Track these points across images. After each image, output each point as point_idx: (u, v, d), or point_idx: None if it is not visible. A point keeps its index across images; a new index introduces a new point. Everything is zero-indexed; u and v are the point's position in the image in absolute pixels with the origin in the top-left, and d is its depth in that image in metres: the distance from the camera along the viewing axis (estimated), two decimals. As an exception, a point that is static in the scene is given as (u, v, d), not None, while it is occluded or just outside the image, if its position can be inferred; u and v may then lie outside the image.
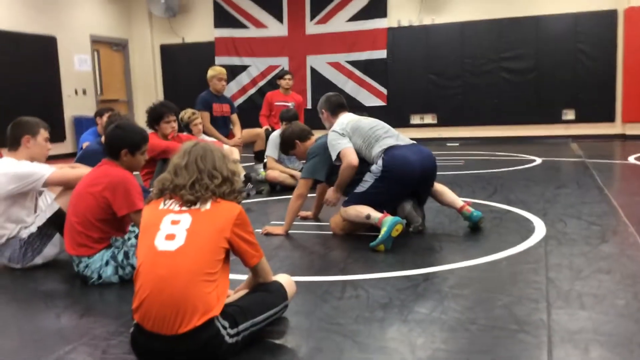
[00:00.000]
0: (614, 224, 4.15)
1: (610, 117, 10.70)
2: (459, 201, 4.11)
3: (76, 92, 11.28)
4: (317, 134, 4.52)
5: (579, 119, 10.80)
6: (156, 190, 2.33)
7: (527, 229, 4.06)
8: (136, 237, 3.22)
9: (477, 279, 3.09)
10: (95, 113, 6.23)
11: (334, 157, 4.07)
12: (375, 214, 3.78)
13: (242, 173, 6.11)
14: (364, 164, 4.01)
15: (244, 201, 5.35)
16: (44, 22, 10.56)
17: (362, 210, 3.85)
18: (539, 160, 7.78)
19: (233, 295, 2.39)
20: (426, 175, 4.02)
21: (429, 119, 11.56)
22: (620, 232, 3.91)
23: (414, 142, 4.13)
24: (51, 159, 4.14)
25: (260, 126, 7.61)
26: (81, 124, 10.99)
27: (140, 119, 12.46)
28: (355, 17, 11.67)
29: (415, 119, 11.64)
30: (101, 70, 12.17)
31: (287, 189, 5.83)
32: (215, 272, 2.14)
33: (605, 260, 3.29)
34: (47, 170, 3.55)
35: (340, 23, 11.78)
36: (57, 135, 9.65)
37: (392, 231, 3.62)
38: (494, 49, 11.02)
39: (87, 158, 4.29)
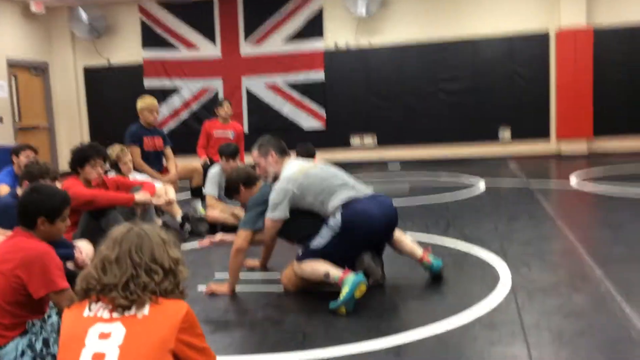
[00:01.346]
0: (579, 266, 3.98)
1: (545, 134, 10.84)
2: (418, 250, 3.82)
3: (-9, 121, 10.41)
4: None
5: (516, 137, 10.89)
6: (79, 290, 1.88)
7: (492, 276, 3.82)
8: (57, 314, 2.74)
9: (452, 351, 2.78)
10: (12, 150, 5.62)
11: (267, 214, 3.70)
12: (334, 272, 3.42)
13: (179, 214, 5.66)
14: (317, 216, 3.65)
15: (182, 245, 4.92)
16: (-47, 46, 9.70)
17: (320, 268, 3.49)
18: (482, 186, 7.67)
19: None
20: (388, 228, 3.71)
21: (369, 139, 11.38)
22: (589, 279, 3.71)
23: (372, 193, 3.79)
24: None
25: (197, 156, 7.15)
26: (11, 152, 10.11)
27: (63, 146, 11.70)
28: (291, 38, 11.37)
29: (355, 140, 11.42)
30: (19, 96, 11.31)
31: (229, 229, 5.39)
32: (157, 397, 1.73)
33: (581, 319, 3.06)
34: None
35: (275, 44, 11.45)
36: (-31, 170, 8.78)
37: (355, 292, 3.28)
38: (431, 71, 11.00)
39: None
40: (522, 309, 3.23)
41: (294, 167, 3.80)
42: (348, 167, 10.47)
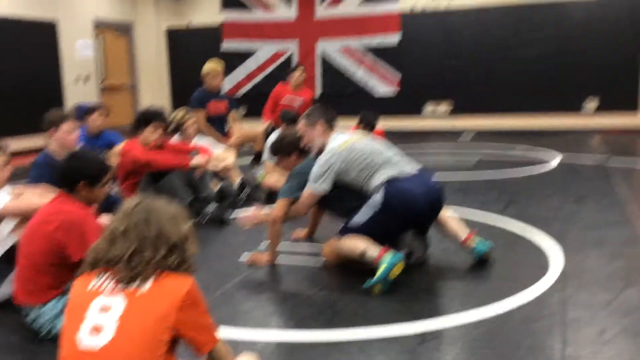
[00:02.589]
0: (638, 258, 3.69)
1: (633, 106, 10.08)
2: (462, 233, 3.66)
3: (78, 80, 10.91)
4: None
5: (602, 108, 10.20)
6: (88, 261, 1.93)
7: (543, 262, 3.62)
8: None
9: (482, 342, 2.66)
10: (87, 110, 5.83)
11: (307, 185, 3.64)
12: (372, 251, 3.34)
13: (238, 178, 5.74)
14: (360, 192, 3.57)
15: (235, 212, 5.01)
16: (44, 7, 10.16)
17: (358, 245, 3.42)
18: (558, 160, 7.26)
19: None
20: (432, 210, 3.57)
21: (444, 106, 11.02)
22: (648, 271, 3.45)
23: (419, 169, 3.66)
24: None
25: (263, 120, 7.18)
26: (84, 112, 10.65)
27: (146, 105, 12.11)
28: (367, 0, 11.10)
29: (428, 108, 11.10)
30: (105, 55, 11.78)
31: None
32: (152, 373, 1.75)
33: (630, 317, 2.84)
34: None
35: (351, 6, 11.22)
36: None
37: (391, 272, 3.20)
38: (511, 35, 10.41)
39: (36, 175, 3.92)
40: (567, 300, 3.04)
41: (339, 140, 3.72)
42: (418, 136, 10.29)
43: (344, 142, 3.69)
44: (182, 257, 1.93)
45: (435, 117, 11.03)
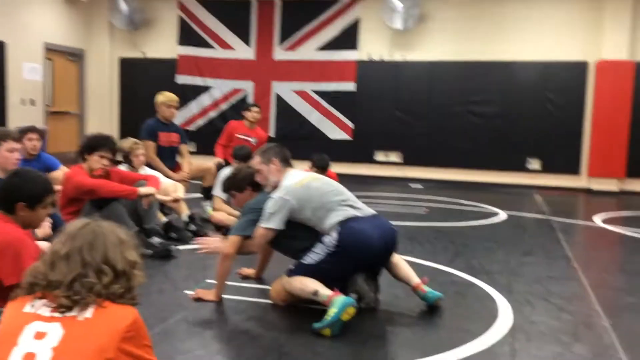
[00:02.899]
0: (585, 313, 3.74)
1: (575, 170, 10.49)
2: (414, 278, 3.63)
3: (23, 102, 10.54)
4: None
5: (544, 169, 10.56)
6: (25, 284, 1.77)
7: (492, 313, 3.61)
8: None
9: (432, 389, 2.60)
10: (22, 130, 5.55)
11: (260, 222, 3.54)
12: (323, 291, 3.26)
13: (185, 212, 5.58)
14: (313, 231, 3.51)
15: (181, 247, 4.84)
16: (-7, 26, 9.86)
17: (309, 285, 3.33)
18: (503, 215, 7.42)
19: None
20: (386, 253, 3.54)
21: (394, 157, 11.18)
22: (594, 327, 3.47)
23: (374, 212, 3.63)
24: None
25: (214, 155, 7.07)
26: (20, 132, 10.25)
27: (92, 132, 11.77)
28: (325, 47, 11.27)
29: (380, 156, 11.25)
30: (54, 80, 11.46)
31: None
32: (87, 410, 1.60)
33: (579, 371, 2.85)
34: None
35: (309, 51, 11.37)
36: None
37: (343, 314, 3.11)
38: (462, 91, 10.74)
39: None
40: (517, 353, 3.02)
41: (295, 178, 3.66)
42: (370, 182, 10.37)
43: (299, 180, 3.64)
44: (127, 286, 1.80)
45: (388, 164, 11.15)
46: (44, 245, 2.86)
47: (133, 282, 1.82)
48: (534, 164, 10.60)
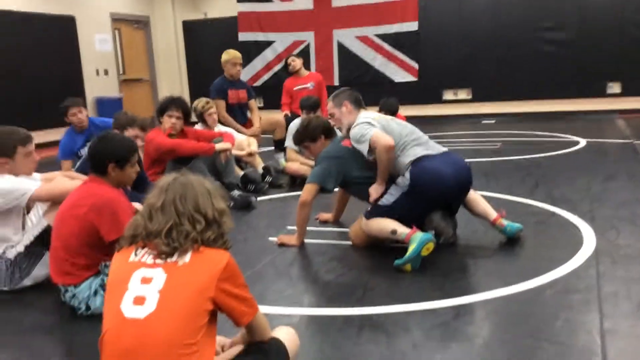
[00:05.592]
0: (674, 233, 3.64)
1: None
2: (491, 212, 3.61)
3: (97, 73, 10.99)
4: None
5: (625, 92, 10.04)
6: (127, 236, 1.94)
7: (575, 240, 3.57)
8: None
9: (517, 315, 2.64)
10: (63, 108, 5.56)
11: (365, 151, 3.52)
12: (402, 229, 3.32)
13: (260, 166, 5.75)
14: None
15: (259, 198, 5.01)
16: (62, 2, 10.22)
17: (387, 225, 3.40)
18: (583, 142, 7.17)
19: (223, 355, 2.01)
20: (460, 190, 3.53)
21: (463, 94, 10.94)
22: (684, 246, 3.39)
23: (446, 150, 3.62)
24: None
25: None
26: (103, 104, 10.76)
27: (164, 95, 12.14)
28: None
29: (448, 95, 11.02)
30: (123, 50, 11.84)
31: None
32: (195, 343, 1.75)
33: (669, 290, 2.80)
34: (31, 186, 3.21)
35: (368, -6, 11.14)
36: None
37: (422, 250, 3.18)
38: (530, 18, 10.27)
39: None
40: (602, 275, 3.00)
41: (370, 115, 3.70)
42: (439, 122, 10.21)
43: (377, 116, 3.70)
44: (218, 232, 1.92)
45: (456, 102, 10.92)
46: (137, 205, 3.06)
47: (224, 228, 1.95)
48: (614, 87, 10.09)
